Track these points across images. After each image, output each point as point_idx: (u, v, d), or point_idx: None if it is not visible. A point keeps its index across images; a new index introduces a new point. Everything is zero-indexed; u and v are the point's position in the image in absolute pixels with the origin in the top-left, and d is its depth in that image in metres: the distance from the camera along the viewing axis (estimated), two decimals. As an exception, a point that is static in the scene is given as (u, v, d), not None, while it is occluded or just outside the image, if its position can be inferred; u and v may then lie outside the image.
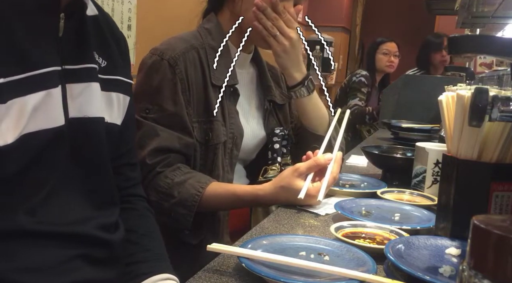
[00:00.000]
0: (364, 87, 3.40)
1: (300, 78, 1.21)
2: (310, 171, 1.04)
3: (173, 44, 1.15)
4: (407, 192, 1.15)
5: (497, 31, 2.28)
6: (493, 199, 0.73)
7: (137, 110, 1.07)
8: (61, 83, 0.71)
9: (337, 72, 5.58)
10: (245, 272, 0.69)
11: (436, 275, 0.64)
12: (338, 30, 5.65)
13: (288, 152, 1.27)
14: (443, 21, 4.98)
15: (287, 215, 0.98)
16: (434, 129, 2.09)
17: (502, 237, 0.30)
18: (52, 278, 0.68)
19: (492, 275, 0.31)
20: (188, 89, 1.12)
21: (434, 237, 0.76)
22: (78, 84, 0.74)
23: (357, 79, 3.42)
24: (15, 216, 0.66)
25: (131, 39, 2.31)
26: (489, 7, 1.68)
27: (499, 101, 0.64)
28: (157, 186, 1.07)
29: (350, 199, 1.05)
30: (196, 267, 0.73)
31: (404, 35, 5.93)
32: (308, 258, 0.72)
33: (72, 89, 0.73)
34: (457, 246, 0.73)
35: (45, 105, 0.68)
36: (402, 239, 0.75)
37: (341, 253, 0.74)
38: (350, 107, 3.34)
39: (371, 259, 0.70)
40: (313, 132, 1.28)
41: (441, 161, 0.85)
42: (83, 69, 0.75)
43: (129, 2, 2.27)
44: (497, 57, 2.55)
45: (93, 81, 0.76)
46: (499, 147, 0.74)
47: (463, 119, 0.75)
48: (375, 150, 1.46)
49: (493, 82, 2.30)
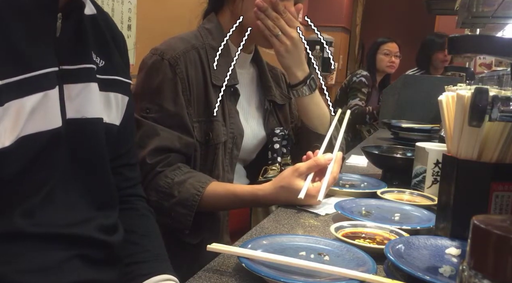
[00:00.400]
0: (365, 87, 3.40)
1: (302, 77, 1.21)
2: (310, 171, 1.04)
3: (173, 44, 1.16)
4: (407, 192, 1.15)
5: (497, 31, 2.28)
6: (493, 199, 0.73)
7: (137, 109, 1.07)
8: (58, 84, 0.70)
9: (337, 72, 5.58)
10: (245, 272, 0.69)
11: (436, 275, 0.64)
12: (338, 30, 5.66)
13: (288, 152, 1.27)
14: (443, 21, 4.99)
15: (287, 215, 0.98)
16: (434, 129, 2.09)
17: (502, 237, 0.30)
18: (52, 279, 0.68)
19: (492, 275, 0.31)
20: (189, 89, 1.12)
21: (434, 237, 0.76)
22: (76, 84, 0.73)
23: (358, 79, 3.42)
24: (12, 218, 0.66)
25: (131, 39, 2.31)
26: (489, 7, 1.68)
27: (499, 101, 0.64)
28: (157, 186, 1.07)
29: (350, 199, 1.05)
30: (196, 267, 0.73)
31: (404, 35, 5.93)
32: (308, 258, 0.72)
33: (70, 90, 0.72)
34: (457, 246, 0.73)
35: (42, 107, 0.67)
36: (402, 239, 0.75)
37: (341, 253, 0.74)
38: (351, 107, 3.34)
39: (371, 259, 0.70)
40: (314, 131, 1.28)
41: (441, 161, 0.85)
42: (81, 70, 0.75)
43: (129, 2, 2.27)
44: (497, 57, 2.55)
45: (91, 81, 0.76)
46: (499, 147, 0.74)
47: (463, 119, 0.75)
48: (375, 150, 1.46)
49: (493, 82, 2.30)
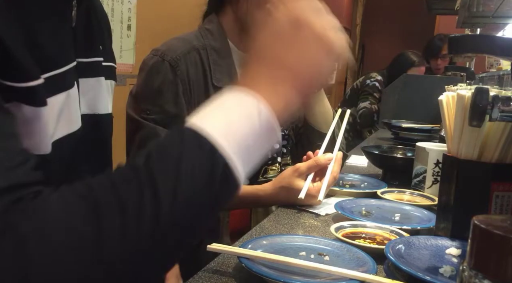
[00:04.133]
0: (377, 92, 3.38)
1: None
2: (310, 171, 1.04)
3: (174, 45, 1.15)
4: (407, 192, 1.15)
5: (497, 31, 2.28)
6: (494, 199, 0.73)
7: (137, 110, 1.07)
8: (75, 80, 0.66)
9: (337, 72, 5.57)
10: (245, 272, 0.69)
11: (437, 275, 0.64)
12: (338, 30, 5.65)
13: (288, 152, 1.26)
14: (443, 21, 4.99)
15: (287, 215, 0.98)
16: (435, 129, 2.09)
17: (502, 237, 0.30)
18: None
19: (492, 275, 0.31)
20: (189, 90, 1.12)
21: (435, 237, 0.76)
22: (88, 79, 0.69)
23: (371, 83, 3.40)
24: None
25: (131, 39, 2.31)
26: (489, 7, 1.68)
27: (500, 101, 0.64)
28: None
29: (350, 199, 1.05)
30: (196, 267, 0.73)
31: (404, 35, 5.94)
32: (308, 258, 0.72)
33: (83, 84, 0.68)
34: (457, 246, 0.73)
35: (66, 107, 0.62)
36: (402, 239, 0.75)
37: (341, 253, 0.74)
38: (360, 109, 3.35)
39: (371, 259, 0.70)
40: (317, 129, 1.27)
41: (441, 161, 0.85)
42: (92, 63, 0.70)
43: (129, 2, 2.27)
44: (497, 57, 2.55)
45: (101, 75, 0.72)
46: (500, 147, 0.74)
47: (463, 119, 0.75)
48: (375, 150, 1.46)
49: (493, 82, 2.30)
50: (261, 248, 0.73)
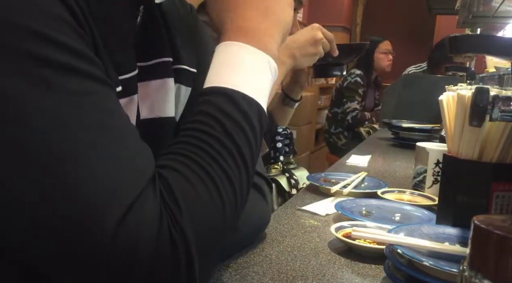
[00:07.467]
0: (361, 87, 3.41)
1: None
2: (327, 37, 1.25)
3: None
4: (408, 192, 1.15)
5: (497, 31, 2.28)
6: (494, 199, 0.73)
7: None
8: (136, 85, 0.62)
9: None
10: (245, 272, 0.69)
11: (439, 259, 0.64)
12: (338, 30, 5.65)
13: (291, 151, 1.27)
14: (444, 21, 4.99)
15: (287, 215, 0.98)
16: (435, 129, 2.09)
17: (502, 238, 0.30)
18: None
19: (492, 276, 0.31)
20: None
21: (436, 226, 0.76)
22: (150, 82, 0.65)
23: (353, 80, 3.41)
24: None
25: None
26: (489, 7, 1.68)
27: (500, 101, 0.63)
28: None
29: (350, 199, 1.05)
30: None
31: (404, 35, 5.94)
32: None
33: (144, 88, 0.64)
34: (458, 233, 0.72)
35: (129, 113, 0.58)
36: (403, 239, 0.75)
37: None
38: (350, 111, 3.36)
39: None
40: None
41: (441, 161, 0.85)
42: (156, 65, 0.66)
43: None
44: (497, 57, 2.54)
45: (168, 76, 0.67)
46: (500, 147, 0.74)
47: (463, 119, 0.75)
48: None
49: (493, 82, 2.30)
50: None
